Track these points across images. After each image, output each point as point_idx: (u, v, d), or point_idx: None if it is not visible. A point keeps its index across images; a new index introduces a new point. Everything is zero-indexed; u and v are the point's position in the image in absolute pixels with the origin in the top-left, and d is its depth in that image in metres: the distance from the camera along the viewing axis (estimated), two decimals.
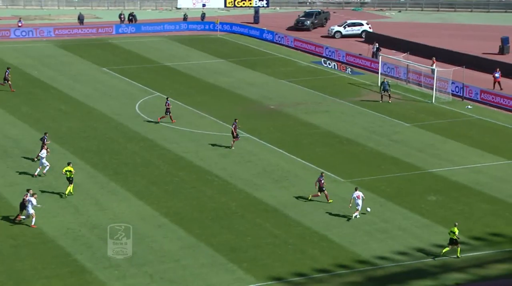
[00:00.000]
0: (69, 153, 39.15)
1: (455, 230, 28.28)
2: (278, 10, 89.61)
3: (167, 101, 44.20)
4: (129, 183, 35.29)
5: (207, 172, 36.88)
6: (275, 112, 47.19)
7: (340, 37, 71.62)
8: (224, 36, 72.20)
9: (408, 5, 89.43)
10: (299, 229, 30.77)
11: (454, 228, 28.34)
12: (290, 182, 35.69)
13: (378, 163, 38.40)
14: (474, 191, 34.95)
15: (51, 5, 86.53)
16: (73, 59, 61.72)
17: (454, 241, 28.35)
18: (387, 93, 49.33)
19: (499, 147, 41.06)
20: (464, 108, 48.74)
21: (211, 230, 30.59)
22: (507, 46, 64.21)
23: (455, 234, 28.32)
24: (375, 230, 30.73)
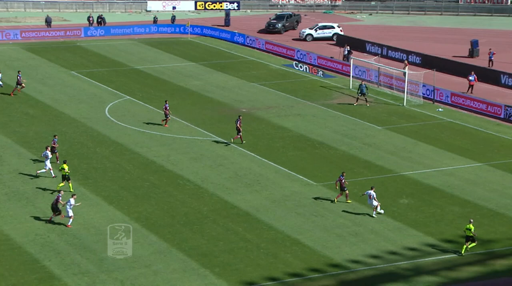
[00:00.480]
0: (37, 157, 38.69)
1: (471, 227, 28.78)
2: (249, 13, 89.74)
3: (166, 105, 43.84)
4: (99, 187, 35.01)
5: (179, 176, 36.75)
6: (247, 116, 47.21)
7: (312, 40, 71.95)
8: (194, 39, 72.07)
9: (379, 8, 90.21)
10: (272, 233, 30.79)
11: (470, 225, 28.87)
12: (262, 186, 35.72)
13: (350, 166, 38.62)
14: (445, 194, 35.32)
15: (18, 8, 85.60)
16: (41, 62, 61.10)
17: (471, 238, 28.91)
18: (364, 97, 49.63)
19: (470, 150, 41.57)
20: (435, 111, 49.27)
21: (182, 235, 30.47)
22: (477, 49, 65.07)
23: (471, 231, 28.86)
24: (347, 234, 30.88)
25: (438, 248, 29.80)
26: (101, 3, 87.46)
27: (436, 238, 30.64)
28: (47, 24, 73.48)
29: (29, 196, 33.89)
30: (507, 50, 67.87)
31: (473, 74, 53.09)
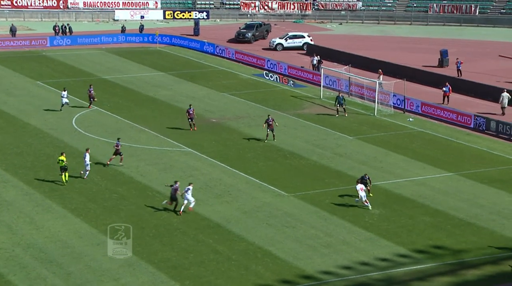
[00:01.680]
0: (0, 169, 38.22)
1: None
2: (219, 22, 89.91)
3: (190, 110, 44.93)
4: (65, 200, 34.66)
5: (148, 188, 36.55)
6: (217, 126, 47.19)
7: (282, 49, 72.29)
8: (163, 49, 71.94)
9: (349, 18, 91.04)
10: (243, 245, 30.77)
11: None
12: (233, 197, 35.69)
13: (321, 176, 38.78)
14: (416, 204, 35.64)
15: None
16: (5, 72, 60.43)
17: None
18: (342, 107, 49.92)
19: (441, 159, 42.04)
20: (405, 121, 49.77)
21: (152, 247, 30.28)
22: (446, 59, 65.96)
23: None
24: (319, 245, 30.98)
25: (409, 258, 30.02)
26: (67, 12, 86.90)
27: (408, 248, 30.88)
28: (11, 33, 72.76)
29: None
30: (476, 59, 68.93)
31: (447, 85, 53.79)
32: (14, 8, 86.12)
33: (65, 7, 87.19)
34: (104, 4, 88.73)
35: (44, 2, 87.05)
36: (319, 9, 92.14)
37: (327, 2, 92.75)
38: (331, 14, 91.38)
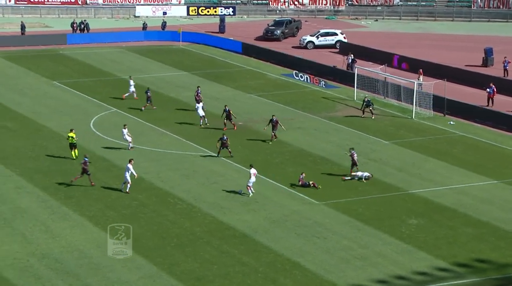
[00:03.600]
0: (15, 174, 38.75)
1: None
2: (246, 18, 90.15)
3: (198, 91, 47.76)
4: (83, 207, 35.00)
5: (169, 194, 36.77)
6: (243, 129, 47.31)
7: (313, 47, 72.27)
8: (187, 47, 72.35)
9: (385, 14, 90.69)
10: (270, 256, 30.79)
11: None
12: (260, 205, 35.75)
13: (355, 183, 38.68)
14: (458, 214, 35.38)
15: None
16: (20, 72, 61.26)
17: None
18: (369, 109, 49.79)
19: (484, 166, 41.68)
20: (446, 124, 49.45)
21: (173, 258, 30.45)
22: (491, 57, 65.38)
23: None
24: (352, 257, 30.89)
25: (450, 272, 29.81)
26: (86, 8, 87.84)
27: (448, 261, 30.66)
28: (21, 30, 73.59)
29: (6, 216, 33.87)
30: None
31: (492, 85, 53.31)
32: (30, 4, 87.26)
33: (84, 2, 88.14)
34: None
35: None
36: (353, 4, 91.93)
37: None
38: (366, 10, 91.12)
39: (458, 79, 58.94)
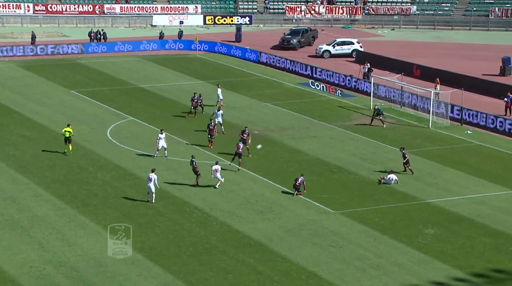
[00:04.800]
0: (32, 183, 38.99)
1: None
2: (262, 27, 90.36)
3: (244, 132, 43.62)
4: (99, 215, 35.15)
5: (185, 203, 36.84)
6: (259, 138, 47.35)
7: (329, 56, 72.28)
8: (203, 56, 72.59)
9: (402, 23, 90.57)
10: (286, 265, 30.76)
11: None
12: (276, 214, 35.73)
13: (371, 192, 38.58)
14: (475, 224, 35.17)
15: (14, 23, 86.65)
16: (38, 80, 61.71)
17: None
18: (380, 118, 49.75)
19: (502, 176, 41.43)
20: (463, 133, 49.23)
21: (189, 267, 30.48)
22: (509, 67, 65.10)
23: None
24: (368, 266, 30.79)
25: (467, 283, 29.61)
26: (103, 18, 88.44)
27: (465, 271, 30.47)
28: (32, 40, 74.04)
29: (24, 224, 34.07)
30: None
31: (510, 95, 53.06)
32: (48, 14, 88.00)
33: (101, 12, 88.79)
34: (141, 9, 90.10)
35: (79, 7, 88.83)
36: (369, 13, 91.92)
37: (379, 6, 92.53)
38: (382, 19, 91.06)
39: (475, 88, 58.70)
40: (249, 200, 37.28)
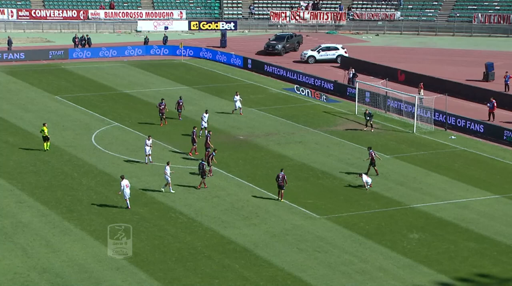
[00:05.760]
0: (16, 189, 38.75)
1: None
2: (247, 33, 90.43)
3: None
4: (84, 221, 34.98)
5: (171, 209, 36.74)
6: (245, 143, 47.34)
7: (314, 62, 72.43)
8: (188, 61, 72.54)
9: (386, 29, 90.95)
10: (271, 271, 30.73)
11: None
12: (261, 219, 35.71)
13: (356, 197, 38.65)
14: (459, 228, 35.31)
15: None
16: (22, 86, 61.41)
17: None
18: (370, 122, 49.87)
19: (486, 180, 41.64)
20: (447, 138, 49.45)
21: (175, 273, 30.39)
22: (492, 72, 65.48)
23: None
24: (353, 271, 30.82)
25: None
26: (87, 23, 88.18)
27: (450, 276, 30.58)
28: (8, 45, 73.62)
29: (7, 231, 33.85)
30: None
31: (492, 100, 53.39)
32: (32, 19, 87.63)
33: (86, 17, 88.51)
34: (126, 14, 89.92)
35: (63, 12, 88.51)
36: (354, 19, 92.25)
37: (363, 12, 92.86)
38: (367, 25, 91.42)
39: (459, 93, 59.01)
40: (234, 206, 37.24)
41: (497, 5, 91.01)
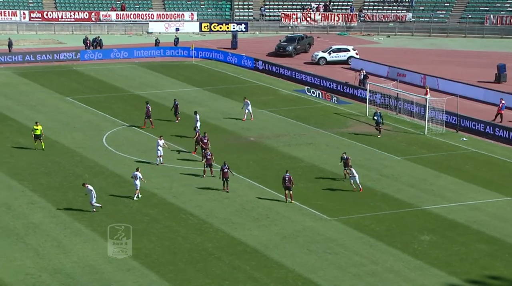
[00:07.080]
0: (28, 190, 38.94)
1: None
2: (258, 34, 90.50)
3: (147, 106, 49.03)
4: (95, 222, 35.12)
5: (181, 210, 36.83)
6: (255, 145, 47.38)
7: (325, 63, 72.40)
8: (199, 63, 72.67)
9: (398, 30, 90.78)
10: (282, 272, 30.75)
11: None
12: (271, 220, 35.74)
13: (366, 199, 38.61)
14: (470, 230, 35.22)
15: (10, 30, 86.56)
16: (33, 87, 61.68)
17: None
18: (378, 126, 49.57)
19: (497, 182, 41.50)
20: (459, 140, 49.32)
21: (185, 274, 30.46)
22: (504, 74, 65.25)
23: None
24: (364, 273, 30.80)
25: None
26: (99, 25, 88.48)
27: (461, 278, 30.50)
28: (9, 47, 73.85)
29: (19, 231, 34.03)
30: None
31: (503, 101, 53.21)
32: (44, 21, 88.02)
33: (97, 19, 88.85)
34: (137, 16, 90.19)
35: (75, 14, 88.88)
36: (365, 20, 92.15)
37: (374, 13, 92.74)
38: (378, 26, 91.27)
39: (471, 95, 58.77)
40: (245, 207, 37.29)
41: (510, 7, 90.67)
